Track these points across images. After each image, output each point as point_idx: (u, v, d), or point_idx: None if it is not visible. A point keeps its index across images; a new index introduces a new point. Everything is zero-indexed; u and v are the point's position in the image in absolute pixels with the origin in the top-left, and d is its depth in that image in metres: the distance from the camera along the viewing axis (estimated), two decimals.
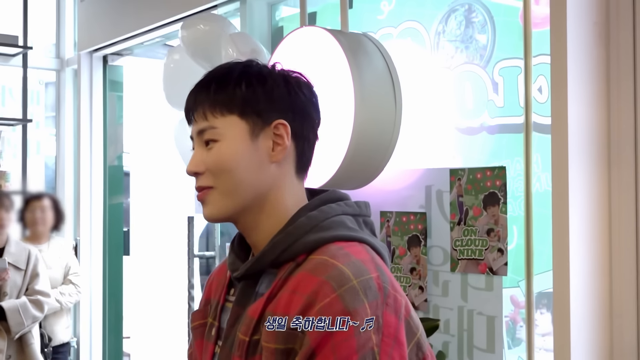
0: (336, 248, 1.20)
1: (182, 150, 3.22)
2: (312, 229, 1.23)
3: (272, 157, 1.26)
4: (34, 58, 5.05)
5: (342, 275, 1.14)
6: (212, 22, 3.04)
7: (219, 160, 1.24)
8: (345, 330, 1.10)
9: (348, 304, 1.11)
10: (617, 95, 2.10)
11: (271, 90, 1.25)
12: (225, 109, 1.24)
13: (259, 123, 1.25)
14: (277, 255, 1.23)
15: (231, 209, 1.25)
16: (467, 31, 2.57)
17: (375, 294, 1.14)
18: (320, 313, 1.11)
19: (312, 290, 1.14)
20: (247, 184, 1.24)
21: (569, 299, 2.04)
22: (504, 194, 2.26)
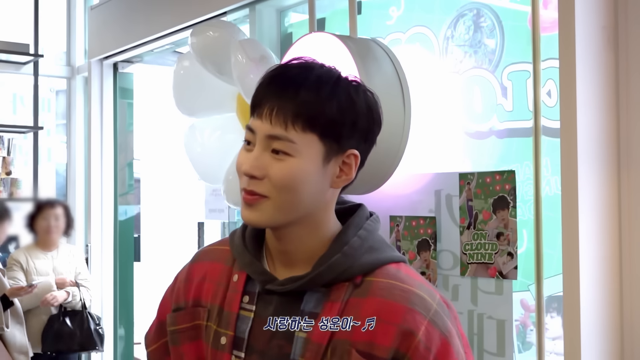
0: (395, 270, 1.23)
1: (192, 156, 3.22)
2: (367, 250, 1.23)
3: (334, 184, 1.22)
4: (45, 66, 5.08)
5: (423, 301, 1.19)
6: (221, 28, 3.04)
7: (288, 177, 1.17)
8: (447, 353, 1.18)
9: (441, 329, 1.18)
10: (626, 98, 2.10)
11: (356, 118, 1.19)
12: (308, 125, 1.16)
13: (334, 148, 1.19)
14: (335, 276, 1.21)
15: (280, 222, 1.21)
16: (475, 36, 2.57)
17: (447, 311, 1.21)
18: (423, 342, 1.16)
19: (403, 319, 1.17)
20: (304, 204, 1.20)
21: (579, 303, 2.04)
22: (513, 197, 2.26)
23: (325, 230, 1.25)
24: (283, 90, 1.18)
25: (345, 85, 1.20)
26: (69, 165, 5.18)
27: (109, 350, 4.71)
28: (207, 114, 3.16)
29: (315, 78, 1.19)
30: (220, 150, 3.07)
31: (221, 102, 3.06)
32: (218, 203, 3.75)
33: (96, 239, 4.75)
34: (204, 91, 3.11)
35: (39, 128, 4.96)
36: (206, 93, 3.11)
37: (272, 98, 1.18)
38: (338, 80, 1.20)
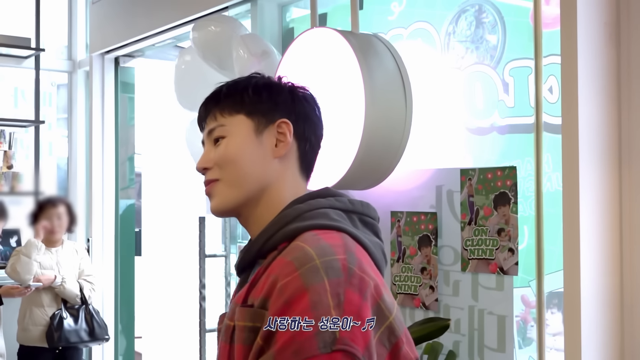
0: (311, 235, 1.23)
1: (193, 151, 3.23)
2: (294, 219, 1.27)
3: (275, 153, 1.32)
4: (46, 60, 5.08)
5: (305, 256, 1.16)
6: (223, 23, 3.04)
7: (225, 153, 1.31)
8: (300, 305, 1.12)
9: (306, 281, 1.13)
10: (628, 95, 2.10)
11: (276, 94, 1.35)
12: (233, 109, 1.33)
13: (263, 121, 1.33)
14: (261, 244, 1.28)
15: (235, 200, 1.31)
16: (477, 32, 2.57)
17: (338, 273, 1.15)
18: (280, 290, 1.14)
19: (277, 271, 1.17)
20: (251, 176, 1.31)
21: (580, 299, 2.04)
22: (514, 193, 2.26)
23: (279, 207, 1.32)
24: (209, 100, 1.37)
25: (264, 78, 1.38)
26: (70, 159, 5.18)
27: (110, 343, 4.72)
28: None
29: (234, 82, 1.38)
30: None
31: None
32: None
33: (97, 233, 4.75)
34: (206, 86, 3.09)
35: (40, 122, 4.96)
36: (207, 88, 3.10)
37: (203, 109, 1.38)
38: (251, 77, 1.38)
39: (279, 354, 1.11)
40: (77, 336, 4.31)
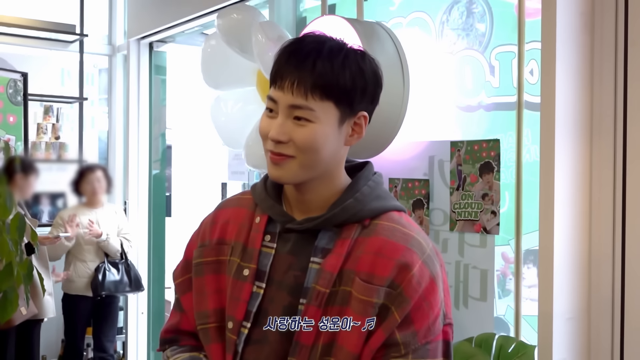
0: (397, 217, 1.27)
1: (217, 125, 3.23)
2: (375, 198, 1.27)
3: (348, 142, 1.25)
4: (89, 44, 5.08)
5: (420, 245, 1.23)
6: (244, 12, 3.03)
7: (310, 139, 1.19)
8: (433, 291, 1.21)
9: (431, 270, 1.22)
10: (600, 77, 2.08)
11: (365, 85, 1.22)
12: (324, 94, 1.18)
13: (347, 112, 1.21)
14: (347, 217, 1.24)
15: (303, 178, 1.23)
16: (468, 21, 2.55)
17: (437, 258, 1.25)
18: (418, 279, 1.19)
19: (402, 255, 1.20)
20: (324, 162, 1.23)
21: (553, 256, 2.05)
22: (497, 163, 2.27)
23: (338, 181, 1.28)
24: (301, 63, 1.18)
25: (353, 55, 1.22)
26: (109, 133, 5.20)
27: (143, 292, 4.77)
28: (231, 88, 3.16)
29: (328, 50, 1.20)
30: (242, 119, 3.07)
31: (243, 77, 3.05)
32: (239, 166, 3.76)
33: (133, 196, 4.78)
34: (228, 67, 3.11)
35: (83, 99, 4.97)
36: (230, 69, 3.10)
37: (292, 71, 1.18)
38: (347, 51, 1.22)
39: (421, 333, 1.19)
40: (119, 286, 4.37)
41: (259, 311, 1.26)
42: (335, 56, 1.19)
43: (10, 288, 1.39)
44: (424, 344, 1.19)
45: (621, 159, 2.04)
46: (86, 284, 4.33)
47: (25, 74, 4.62)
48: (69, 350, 4.46)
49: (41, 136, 4.82)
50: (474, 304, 2.34)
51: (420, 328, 1.18)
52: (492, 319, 2.30)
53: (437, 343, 1.21)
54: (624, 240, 2.03)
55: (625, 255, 2.03)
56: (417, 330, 1.18)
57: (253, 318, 1.25)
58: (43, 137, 4.83)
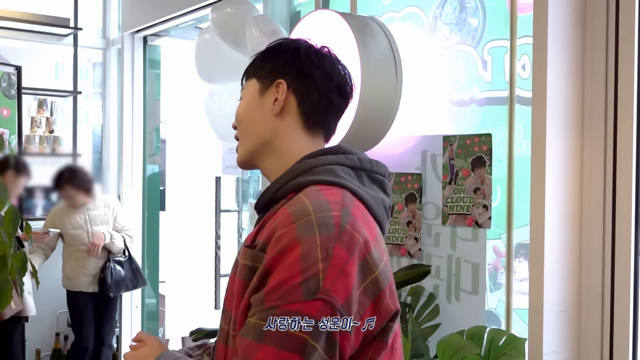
0: (315, 189, 1.19)
1: (210, 118, 3.24)
2: (304, 172, 1.24)
3: (272, 110, 1.30)
4: (83, 38, 5.06)
5: (303, 210, 1.14)
6: (238, 6, 3.03)
7: (237, 114, 1.35)
8: (292, 255, 1.10)
9: (299, 234, 1.11)
10: (591, 72, 2.10)
11: (280, 57, 1.32)
12: (249, 74, 1.36)
13: (266, 83, 1.32)
14: (273, 192, 1.27)
15: (245, 154, 1.34)
16: (460, 15, 2.56)
17: (331, 229, 1.12)
18: (277, 239, 1.13)
19: (278, 220, 1.16)
20: (252, 132, 1.32)
21: (544, 250, 2.06)
22: (489, 157, 2.27)
23: (289, 159, 1.29)
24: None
25: (277, 43, 1.35)
26: (104, 127, 5.19)
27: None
28: (225, 81, 3.17)
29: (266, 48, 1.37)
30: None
31: (237, 70, 3.04)
32: (233, 160, 3.75)
33: (127, 190, 4.78)
34: (222, 61, 3.11)
35: (77, 92, 4.96)
36: (224, 63, 3.11)
37: None
38: (281, 42, 1.36)
39: (267, 295, 1.10)
40: (123, 284, 4.36)
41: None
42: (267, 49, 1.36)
43: (4, 280, 1.40)
44: (269, 307, 1.10)
45: (612, 154, 2.05)
46: (87, 282, 4.31)
47: (19, 68, 4.60)
48: (76, 345, 4.45)
49: (35, 130, 4.81)
50: (465, 298, 2.36)
51: (268, 290, 1.11)
52: (484, 312, 2.31)
53: (287, 311, 1.08)
54: (614, 234, 2.05)
55: (615, 248, 2.05)
56: (265, 291, 1.11)
57: None
58: (37, 130, 4.82)
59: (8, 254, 1.40)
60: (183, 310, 5.39)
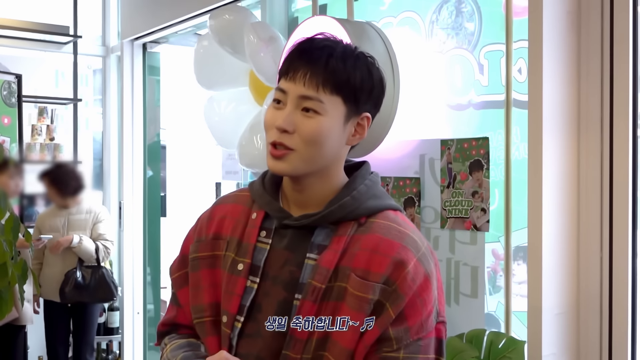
0: (393, 216, 1.29)
1: (210, 125, 3.25)
2: (371, 196, 1.29)
3: (349, 141, 1.28)
4: (83, 46, 5.08)
5: (415, 243, 1.25)
6: (236, 12, 3.05)
7: (316, 131, 1.21)
8: (427, 289, 1.23)
9: (426, 268, 1.24)
10: (587, 76, 2.10)
11: (372, 87, 1.26)
12: (335, 89, 1.21)
13: (353, 110, 1.24)
14: (344, 215, 1.26)
15: (303, 172, 1.25)
16: (457, 20, 2.57)
17: (431, 257, 1.27)
18: (411, 274, 1.21)
19: (397, 253, 1.22)
20: (326, 157, 1.25)
21: (542, 252, 2.06)
22: (487, 161, 2.28)
23: (336, 180, 1.30)
24: (315, 58, 1.21)
25: (364, 59, 1.27)
26: (104, 134, 5.20)
27: (138, 293, 4.78)
28: (224, 88, 3.18)
29: (341, 51, 1.24)
30: (235, 119, 3.09)
31: (236, 77, 3.07)
32: (233, 166, 3.78)
33: (128, 197, 4.79)
34: (221, 68, 3.12)
35: (78, 100, 4.97)
36: (223, 69, 3.12)
37: (305, 65, 1.21)
38: (359, 54, 1.27)
39: (413, 329, 1.21)
40: (84, 294, 4.19)
41: (253, 305, 1.27)
42: (347, 57, 1.23)
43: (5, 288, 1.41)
44: (415, 339, 1.21)
45: (608, 156, 2.06)
46: (53, 290, 4.21)
47: (19, 76, 4.62)
48: (51, 356, 4.34)
49: (36, 137, 4.83)
50: (465, 301, 2.36)
51: (413, 324, 1.20)
52: (483, 315, 2.31)
53: (429, 340, 1.23)
54: (612, 236, 2.05)
55: (612, 250, 2.05)
56: (409, 326, 1.20)
57: (247, 312, 1.27)
58: (38, 138, 4.83)
59: (9, 262, 1.41)
60: None
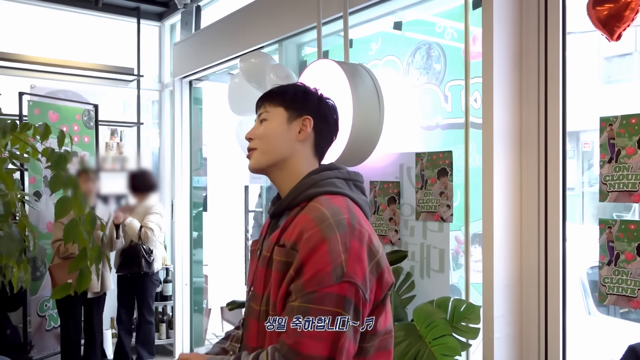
0: (324, 198, 1.22)
1: (240, 142, 3.24)
2: (312, 185, 1.26)
3: (298, 137, 1.30)
4: (144, 82, 5.09)
5: (323, 215, 1.16)
6: (260, 57, 3.04)
7: (265, 130, 1.30)
8: (321, 250, 1.13)
9: (324, 234, 1.14)
10: (527, 104, 2.09)
11: (307, 98, 1.33)
12: (277, 103, 1.31)
13: (294, 114, 1.31)
14: (289, 201, 1.27)
15: (264, 163, 1.30)
16: (427, 62, 2.56)
17: (345, 228, 1.15)
18: (307, 240, 1.14)
19: (303, 225, 1.17)
20: (277, 148, 1.30)
21: (493, 238, 2.05)
22: (451, 169, 2.27)
23: (298, 174, 1.30)
24: (266, 95, 1.35)
25: (301, 86, 1.35)
26: (160, 149, 5.20)
27: (186, 269, 4.77)
28: (250, 114, 3.17)
29: (284, 86, 1.36)
30: None
31: None
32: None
33: (178, 196, 4.78)
34: (248, 98, 3.11)
35: (140, 124, 4.98)
36: (250, 100, 3.11)
37: (260, 100, 1.36)
38: (297, 84, 1.36)
39: (306, 283, 1.13)
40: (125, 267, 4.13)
41: (254, 277, 1.31)
42: (287, 86, 1.35)
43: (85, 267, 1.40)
44: (309, 291, 1.12)
45: (543, 166, 2.04)
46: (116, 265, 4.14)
47: (96, 105, 4.62)
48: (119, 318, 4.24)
49: (108, 152, 4.82)
50: (434, 275, 2.35)
51: (307, 279, 1.12)
52: (448, 286, 2.30)
53: (324, 294, 1.11)
54: (547, 224, 2.04)
55: (547, 236, 2.04)
56: (304, 280, 1.13)
57: (253, 282, 1.31)
58: (110, 153, 4.83)
59: (88, 247, 1.39)
60: (221, 286, 5.39)
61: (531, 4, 2.06)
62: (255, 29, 3.47)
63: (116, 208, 4.09)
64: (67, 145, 1.62)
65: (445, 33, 2.50)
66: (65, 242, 1.35)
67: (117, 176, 4.78)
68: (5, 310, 4.19)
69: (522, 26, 2.08)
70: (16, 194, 1.54)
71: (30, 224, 1.68)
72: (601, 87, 5.93)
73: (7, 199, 1.48)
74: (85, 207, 1.37)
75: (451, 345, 1.95)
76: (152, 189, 4.48)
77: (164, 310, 4.88)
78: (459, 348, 1.95)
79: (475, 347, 2.16)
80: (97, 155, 4.58)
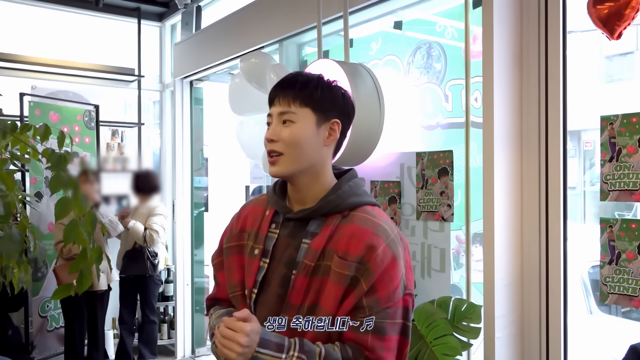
0: (370, 209, 1.24)
1: (241, 142, 3.24)
2: (353, 195, 1.25)
3: (326, 142, 1.25)
4: (145, 83, 5.08)
5: (385, 231, 1.20)
6: (260, 57, 3.04)
7: (294, 136, 1.21)
8: (394, 269, 1.18)
9: (393, 251, 1.19)
10: (527, 104, 2.09)
11: (334, 98, 1.25)
12: (303, 102, 1.21)
13: (322, 117, 1.23)
14: (330, 209, 1.23)
15: (292, 170, 1.23)
16: (428, 61, 2.55)
17: (400, 242, 1.22)
18: (381, 257, 1.17)
19: (370, 239, 1.18)
20: (306, 155, 1.23)
21: (494, 237, 2.05)
22: (451, 168, 2.26)
23: (325, 180, 1.28)
24: (287, 86, 1.23)
25: (324, 81, 1.27)
26: (161, 149, 5.20)
27: (187, 269, 4.77)
28: (251, 114, 3.17)
29: (305, 77, 1.25)
30: (260, 137, 3.08)
31: (260, 106, 3.06)
32: (258, 172, 3.77)
33: (179, 196, 4.78)
34: (249, 99, 3.11)
35: (141, 124, 4.98)
36: (250, 100, 3.11)
37: (280, 91, 1.24)
38: (319, 78, 1.26)
39: (382, 299, 1.17)
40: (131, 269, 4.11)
41: (264, 281, 1.27)
42: (310, 80, 1.24)
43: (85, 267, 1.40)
44: (384, 308, 1.17)
45: (544, 165, 2.04)
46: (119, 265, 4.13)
47: (97, 106, 4.62)
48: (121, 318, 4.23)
49: (109, 153, 4.82)
50: (435, 275, 2.34)
51: (382, 296, 1.16)
52: (449, 286, 2.30)
53: (396, 308, 1.18)
54: (547, 224, 2.04)
55: (548, 236, 2.03)
56: (379, 297, 1.16)
57: (259, 286, 1.26)
58: (111, 153, 4.83)
59: (88, 248, 1.39)
60: None
61: (531, 3, 2.05)
62: (256, 29, 3.46)
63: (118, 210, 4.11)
64: (67, 146, 1.62)
65: (446, 32, 2.50)
66: (66, 243, 1.35)
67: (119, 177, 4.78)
68: (7, 311, 4.19)
69: (522, 25, 2.08)
70: (17, 194, 1.54)
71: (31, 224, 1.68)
72: (602, 86, 5.92)
73: (8, 200, 1.48)
74: (86, 207, 1.37)
75: (452, 345, 1.95)
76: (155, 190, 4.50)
77: (165, 310, 4.87)
78: (460, 348, 1.95)
79: (477, 346, 2.15)
80: (98, 156, 4.58)
